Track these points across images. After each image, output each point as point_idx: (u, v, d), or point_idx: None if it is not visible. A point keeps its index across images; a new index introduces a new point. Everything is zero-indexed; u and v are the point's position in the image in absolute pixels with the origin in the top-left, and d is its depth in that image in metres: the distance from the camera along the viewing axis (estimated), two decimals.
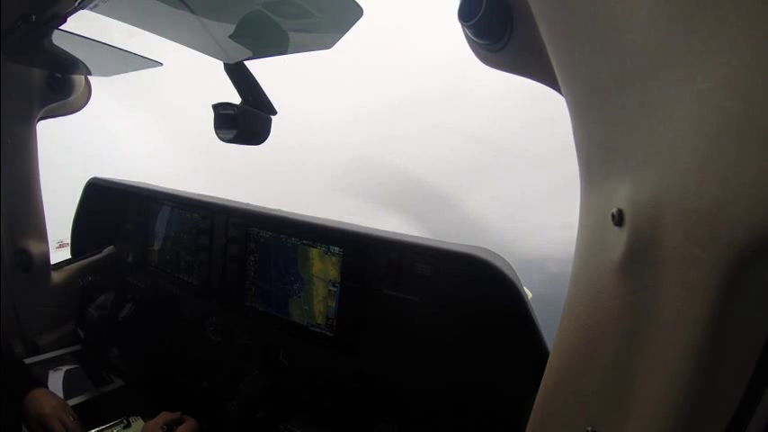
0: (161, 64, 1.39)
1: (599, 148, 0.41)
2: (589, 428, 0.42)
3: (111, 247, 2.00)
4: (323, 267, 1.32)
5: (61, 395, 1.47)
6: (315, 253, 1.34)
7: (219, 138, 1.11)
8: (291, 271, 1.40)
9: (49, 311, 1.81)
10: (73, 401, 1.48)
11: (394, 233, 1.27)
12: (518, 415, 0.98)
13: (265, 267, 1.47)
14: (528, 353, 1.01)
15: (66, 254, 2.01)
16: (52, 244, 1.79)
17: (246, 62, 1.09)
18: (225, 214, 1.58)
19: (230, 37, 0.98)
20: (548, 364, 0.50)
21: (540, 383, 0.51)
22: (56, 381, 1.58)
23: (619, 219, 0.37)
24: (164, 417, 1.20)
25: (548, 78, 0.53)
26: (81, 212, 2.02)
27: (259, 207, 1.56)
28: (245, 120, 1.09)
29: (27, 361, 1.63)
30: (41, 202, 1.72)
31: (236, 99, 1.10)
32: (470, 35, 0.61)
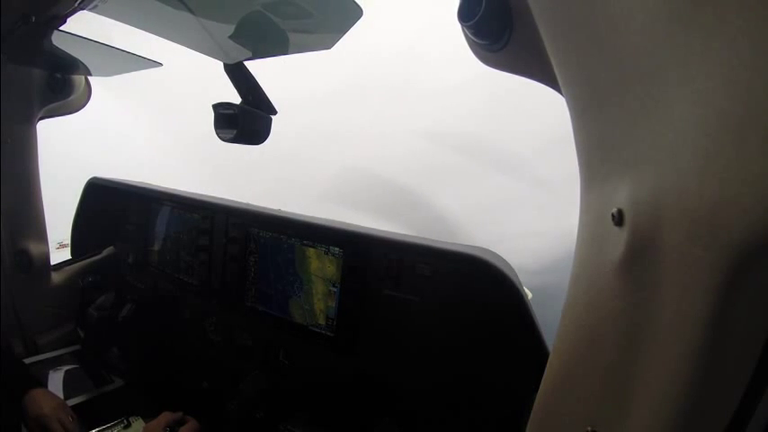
0: (161, 64, 1.38)
1: (599, 148, 0.41)
2: (589, 428, 0.42)
3: (111, 247, 2.00)
4: (320, 265, 1.33)
5: (61, 395, 1.47)
6: (311, 252, 1.34)
7: (219, 137, 1.11)
8: (290, 271, 1.40)
9: (49, 311, 1.80)
10: (73, 401, 1.47)
11: (394, 233, 1.27)
12: (518, 415, 0.98)
13: (265, 268, 1.47)
14: (528, 353, 1.01)
15: (66, 254, 2.01)
16: (52, 245, 1.79)
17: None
18: (225, 214, 1.58)
19: (230, 37, 0.98)
20: (548, 364, 0.50)
21: (540, 383, 0.51)
22: (56, 381, 1.58)
23: (619, 219, 0.37)
24: (165, 417, 1.20)
25: (548, 78, 0.53)
26: (81, 213, 2.02)
27: (259, 207, 1.56)
28: (245, 119, 1.09)
29: (27, 361, 1.63)
30: (41, 202, 1.71)
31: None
32: (470, 35, 0.61)
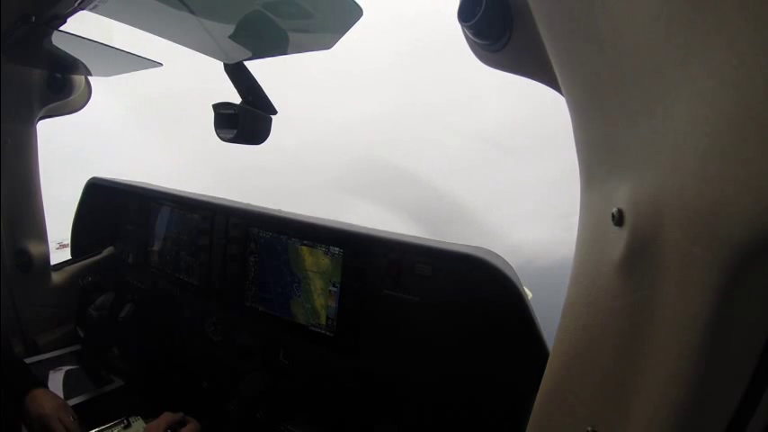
0: (161, 64, 1.38)
1: (599, 148, 0.41)
2: (589, 428, 0.42)
3: (111, 247, 2.00)
4: (314, 260, 1.34)
5: (61, 395, 1.47)
6: (305, 249, 1.35)
7: (219, 137, 1.11)
8: (289, 271, 1.40)
9: (49, 311, 1.81)
10: (73, 401, 1.47)
11: (394, 233, 1.27)
12: (518, 415, 0.98)
13: (265, 268, 1.47)
14: (528, 353, 1.01)
15: (66, 254, 2.01)
16: (52, 245, 1.79)
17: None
18: (225, 214, 1.58)
19: (230, 37, 0.98)
20: (548, 364, 0.50)
21: (540, 383, 0.51)
22: (56, 381, 1.58)
23: (619, 219, 0.37)
24: (166, 418, 1.20)
25: (548, 78, 0.53)
26: (81, 213, 2.02)
27: (259, 207, 1.56)
28: (246, 119, 1.09)
29: (27, 361, 1.63)
30: (41, 202, 1.72)
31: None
32: (470, 35, 0.61)
